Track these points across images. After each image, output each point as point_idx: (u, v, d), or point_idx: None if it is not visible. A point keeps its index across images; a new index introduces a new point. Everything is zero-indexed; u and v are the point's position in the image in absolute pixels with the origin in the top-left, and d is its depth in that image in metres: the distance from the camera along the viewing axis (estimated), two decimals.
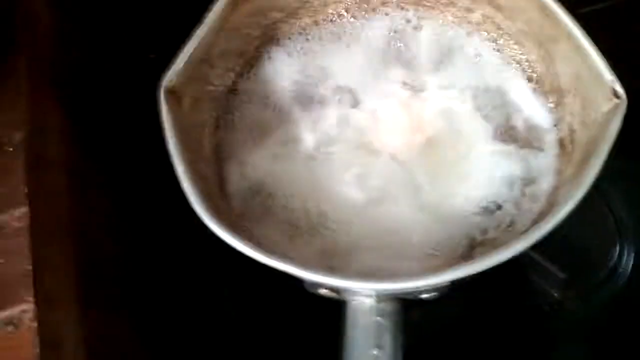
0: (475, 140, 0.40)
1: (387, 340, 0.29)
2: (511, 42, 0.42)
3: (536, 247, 0.37)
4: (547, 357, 0.39)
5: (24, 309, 0.29)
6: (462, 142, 0.40)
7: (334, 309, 0.32)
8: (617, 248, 0.41)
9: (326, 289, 0.31)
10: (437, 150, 0.40)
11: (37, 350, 0.28)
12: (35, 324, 0.28)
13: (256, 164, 0.41)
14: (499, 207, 0.37)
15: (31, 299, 0.29)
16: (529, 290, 0.40)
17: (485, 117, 0.41)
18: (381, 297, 0.30)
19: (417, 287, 0.29)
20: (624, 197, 0.43)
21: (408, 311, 0.31)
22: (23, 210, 0.31)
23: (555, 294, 0.40)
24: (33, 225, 0.31)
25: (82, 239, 0.34)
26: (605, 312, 0.39)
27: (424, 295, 0.31)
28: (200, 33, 0.37)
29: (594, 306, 0.40)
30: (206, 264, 0.42)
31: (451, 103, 0.41)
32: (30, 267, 0.29)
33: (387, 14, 0.44)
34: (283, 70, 0.44)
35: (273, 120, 0.42)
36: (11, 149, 0.33)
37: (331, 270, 0.34)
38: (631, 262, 0.41)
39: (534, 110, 0.40)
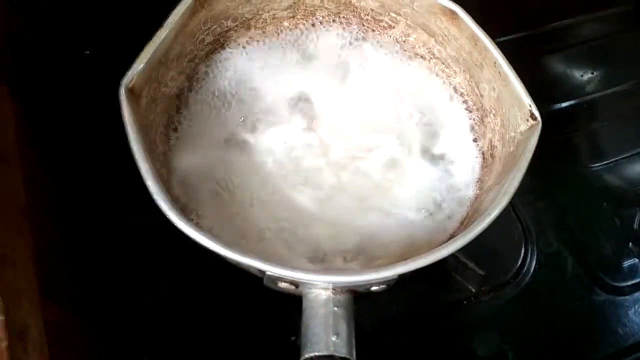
0: (409, 149, 0.45)
1: (343, 327, 0.32)
2: (441, 65, 0.46)
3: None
4: (466, 343, 0.44)
5: None
6: (398, 151, 0.44)
7: (290, 304, 0.35)
8: (523, 250, 0.47)
9: (286, 282, 0.33)
10: (377, 157, 0.44)
11: (6, 342, 0.28)
12: (2, 317, 0.28)
13: (204, 164, 0.43)
14: (433, 210, 0.42)
15: None
16: (451, 285, 0.45)
17: (417, 127, 0.45)
18: (337, 289, 0.33)
19: (370, 280, 0.33)
20: (529, 208, 0.49)
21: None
22: None
23: (473, 289, 0.45)
24: None
25: (39, 234, 0.34)
26: (514, 304, 0.45)
27: (374, 288, 0.34)
28: (160, 36, 0.38)
29: (504, 299, 0.45)
30: (162, 261, 0.42)
31: (389, 114, 0.46)
32: None
33: (330, 32, 0.48)
34: (231, 75, 0.46)
35: (221, 123, 0.44)
36: None
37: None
38: (534, 262, 0.47)
39: (459, 125, 0.46)
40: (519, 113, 0.39)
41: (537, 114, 0.38)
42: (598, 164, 0.53)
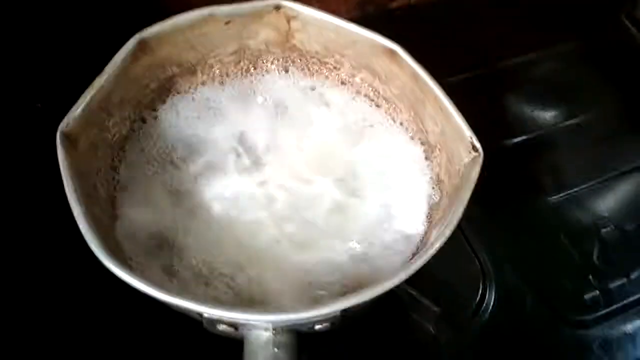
0: (355, 190, 0.44)
1: None
2: (386, 103, 0.47)
3: (415, 285, 0.42)
4: None
5: None
6: (344, 193, 0.44)
7: (232, 347, 0.34)
8: (481, 287, 0.47)
9: (224, 324, 0.32)
10: (321, 203, 0.44)
11: None
12: None
13: (146, 211, 0.42)
14: (382, 248, 0.41)
15: None
16: (408, 325, 0.44)
17: (364, 165, 0.46)
18: (278, 329, 0.32)
19: (310, 318, 0.32)
20: (486, 244, 0.48)
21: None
22: None
23: (431, 328, 0.44)
24: None
25: None
26: (474, 342, 0.44)
27: (318, 327, 0.33)
28: (99, 81, 0.38)
29: (464, 337, 0.44)
30: (101, 304, 0.41)
31: (335, 154, 0.46)
32: None
33: (276, 75, 0.48)
34: (176, 122, 0.45)
35: (164, 170, 0.44)
36: None
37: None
38: (493, 299, 0.46)
39: (406, 161, 0.45)
40: (461, 146, 0.39)
41: (478, 145, 0.39)
42: (554, 197, 0.54)
